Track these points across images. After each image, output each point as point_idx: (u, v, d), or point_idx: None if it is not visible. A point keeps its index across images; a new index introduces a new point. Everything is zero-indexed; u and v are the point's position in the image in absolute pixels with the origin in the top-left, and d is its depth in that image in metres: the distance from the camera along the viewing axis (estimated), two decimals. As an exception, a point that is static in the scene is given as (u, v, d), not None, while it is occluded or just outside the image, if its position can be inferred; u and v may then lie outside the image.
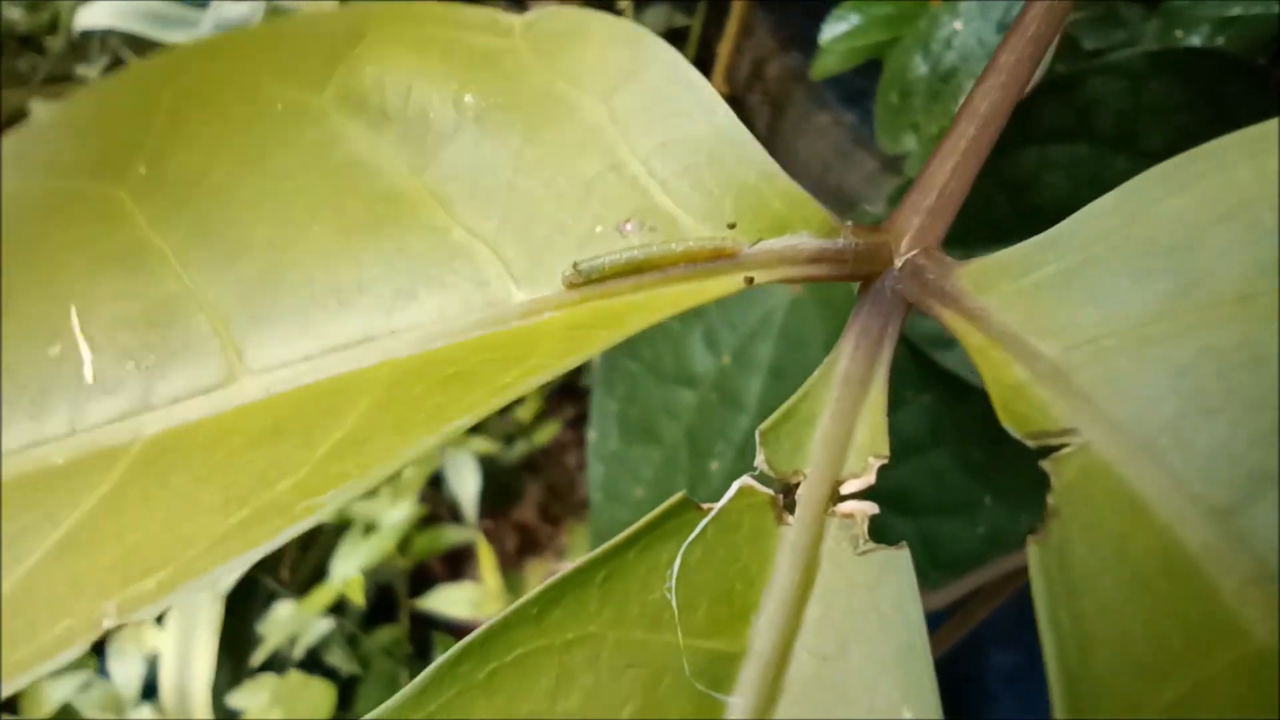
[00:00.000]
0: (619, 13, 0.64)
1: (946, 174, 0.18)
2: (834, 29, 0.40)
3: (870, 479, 0.15)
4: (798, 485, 0.16)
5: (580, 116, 0.18)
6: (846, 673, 0.14)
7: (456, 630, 0.73)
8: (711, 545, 0.15)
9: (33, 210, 0.21)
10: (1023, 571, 0.28)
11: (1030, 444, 0.14)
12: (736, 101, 0.62)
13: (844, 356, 0.16)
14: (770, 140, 0.56)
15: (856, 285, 0.17)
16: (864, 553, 0.15)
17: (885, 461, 0.15)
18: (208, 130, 0.21)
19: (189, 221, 0.20)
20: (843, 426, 0.16)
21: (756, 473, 0.16)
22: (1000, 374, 0.14)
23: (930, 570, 0.32)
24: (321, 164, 0.19)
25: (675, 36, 0.68)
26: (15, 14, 0.80)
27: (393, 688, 0.68)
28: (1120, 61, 0.31)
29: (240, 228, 0.19)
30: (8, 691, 0.13)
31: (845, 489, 0.16)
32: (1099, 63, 0.31)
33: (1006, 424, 0.14)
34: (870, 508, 0.15)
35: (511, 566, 0.77)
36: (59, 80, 0.82)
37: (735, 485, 0.16)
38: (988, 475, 0.32)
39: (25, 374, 0.19)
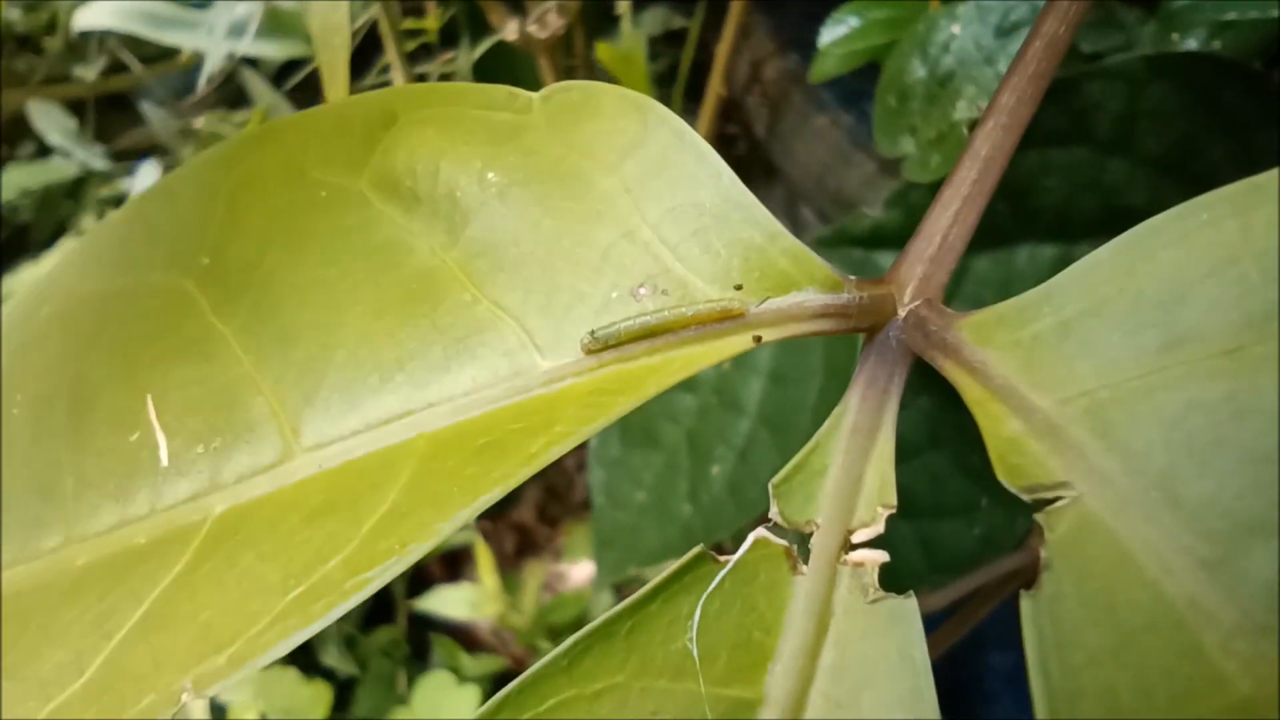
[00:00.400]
0: (616, 17, 0.65)
1: (949, 220, 0.18)
2: (833, 32, 0.40)
3: (880, 528, 0.16)
4: (811, 535, 0.16)
5: (594, 186, 0.19)
6: (858, 717, 0.15)
7: (454, 631, 0.74)
8: (729, 596, 0.16)
9: (114, 306, 0.23)
10: (1020, 573, 0.28)
11: (1026, 498, 0.14)
12: (735, 103, 0.62)
13: (851, 409, 0.17)
14: (768, 142, 0.56)
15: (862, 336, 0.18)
16: (874, 601, 0.15)
17: (893, 511, 0.16)
18: (260, 219, 0.22)
19: (247, 307, 0.21)
20: (852, 477, 0.17)
21: (771, 524, 0.17)
22: (998, 427, 0.15)
23: (928, 571, 0.32)
24: (361, 246, 0.21)
25: (673, 38, 0.68)
26: (14, 14, 0.82)
27: (390, 688, 0.69)
28: (1117, 66, 0.31)
29: (291, 311, 0.21)
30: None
31: (856, 538, 0.16)
32: (1096, 66, 0.31)
33: (1003, 478, 0.14)
34: (881, 556, 0.16)
35: (509, 567, 0.77)
36: (57, 81, 0.84)
37: (751, 537, 0.16)
38: (985, 478, 0.32)
39: (111, 461, 0.21)
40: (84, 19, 0.73)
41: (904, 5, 0.42)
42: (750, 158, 0.63)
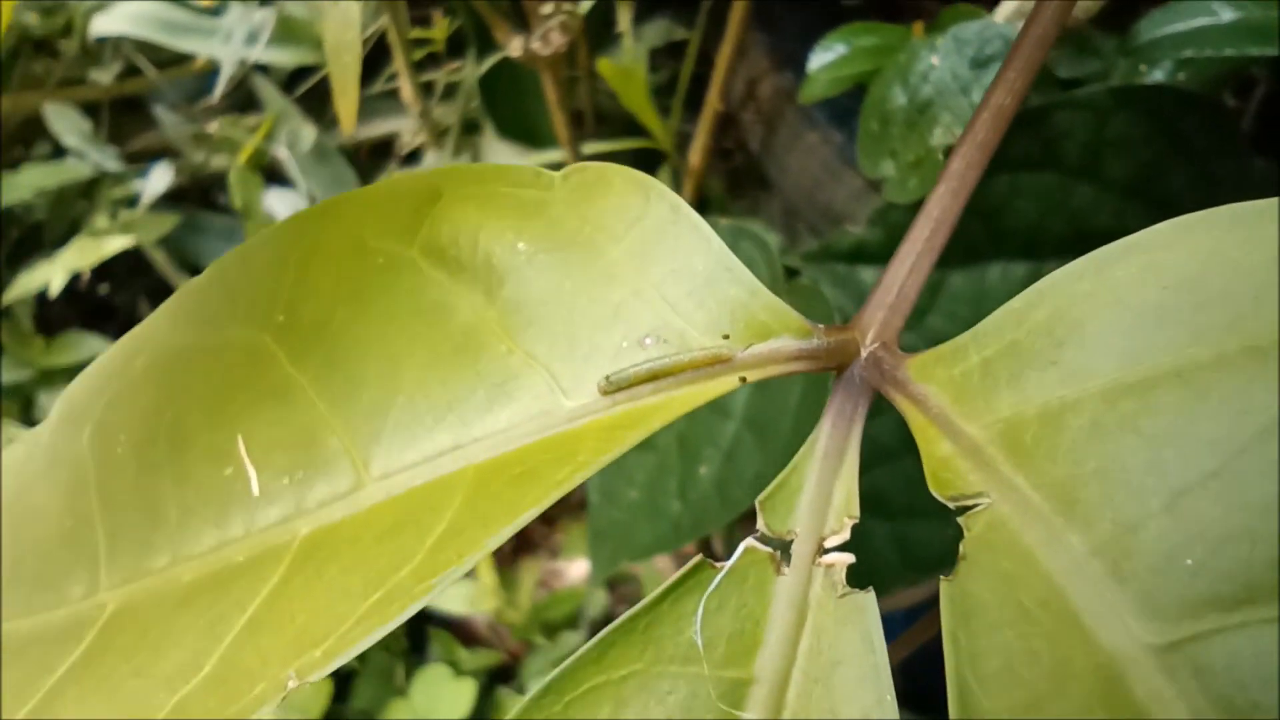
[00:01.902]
0: (619, 35, 0.68)
1: (905, 273, 0.22)
2: (821, 58, 0.43)
3: (846, 535, 0.20)
4: (790, 543, 0.20)
5: (605, 253, 0.23)
6: (831, 690, 0.18)
7: (451, 626, 0.76)
8: (725, 595, 0.20)
9: (203, 357, 0.27)
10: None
11: (951, 505, 0.18)
12: (731, 118, 0.65)
13: (824, 436, 0.21)
14: (763, 157, 0.60)
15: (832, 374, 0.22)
16: (843, 596, 0.19)
17: (857, 520, 0.20)
18: (328, 282, 0.26)
19: (320, 359, 0.25)
20: (823, 494, 0.20)
21: (758, 535, 0.20)
22: (932, 448, 0.18)
23: (904, 569, 0.35)
24: (414, 306, 0.25)
25: (675, 50, 0.71)
26: (31, 19, 0.84)
27: (388, 681, 0.72)
28: (1085, 97, 0.34)
29: (358, 362, 0.25)
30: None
31: (827, 544, 0.20)
32: (1065, 97, 0.34)
33: (934, 489, 0.18)
34: (848, 558, 0.19)
35: (506, 564, 0.80)
36: (73, 84, 0.86)
37: (741, 547, 0.20)
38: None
39: (209, 491, 0.25)
40: (101, 25, 0.76)
41: (889, 34, 0.45)
42: (746, 171, 0.66)
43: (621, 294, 0.23)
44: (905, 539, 0.36)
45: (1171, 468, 0.15)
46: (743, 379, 0.21)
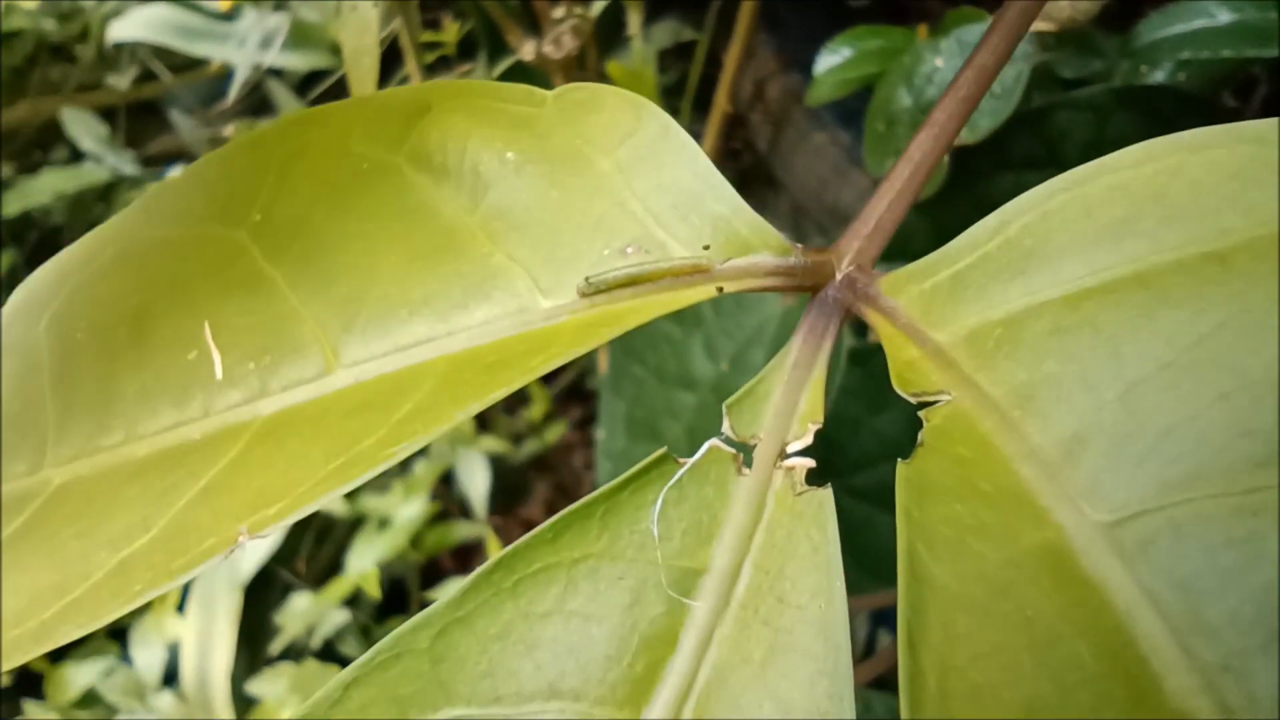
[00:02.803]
0: (628, 37, 0.69)
1: (883, 208, 0.23)
2: (828, 61, 0.45)
3: (809, 440, 0.20)
4: (754, 446, 0.20)
5: (593, 166, 0.24)
6: (782, 582, 0.19)
7: None
8: (685, 490, 0.20)
9: (174, 250, 0.27)
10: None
11: (912, 400, 0.18)
12: (739, 119, 0.66)
13: (794, 349, 0.21)
14: (770, 157, 0.61)
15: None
16: (800, 494, 0.19)
17: (820, 427, 0.20)
18: (308, 185, 0.26)
19: (295, 256, 0.25)
20: (790, 401, 0.20)
21: (723, 437, 0.21)
22: (899, 353, 0.19)
23: None
24: (396, 209, 0.25)
25: (683, 51, 0.72)
26: (49, 25, 0.85)
27: None
28: (1087, 97, 0.35)
29: (334, 258, 0.25)
30: (179, 584, 0.19)
31: (790, 449, 0.20)
32: (1066, 97, 0.36)
33: (897, 387, 0.18)
34: (808, 462, 0.20)
35: None
36: (89, 89, 0.87)
37: (705, 445, 0.20)
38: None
39: (170, 374, 0.24)
40: (118, 31, 0.77)
41: (894, 37, 0.47)
42: (754, 171, 0.67)
43: (607, 205, 0.23)
44: None
45: (1127, 360, 0.16)
46: (719, 289, 0.22)
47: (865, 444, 0.37)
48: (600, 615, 0.19)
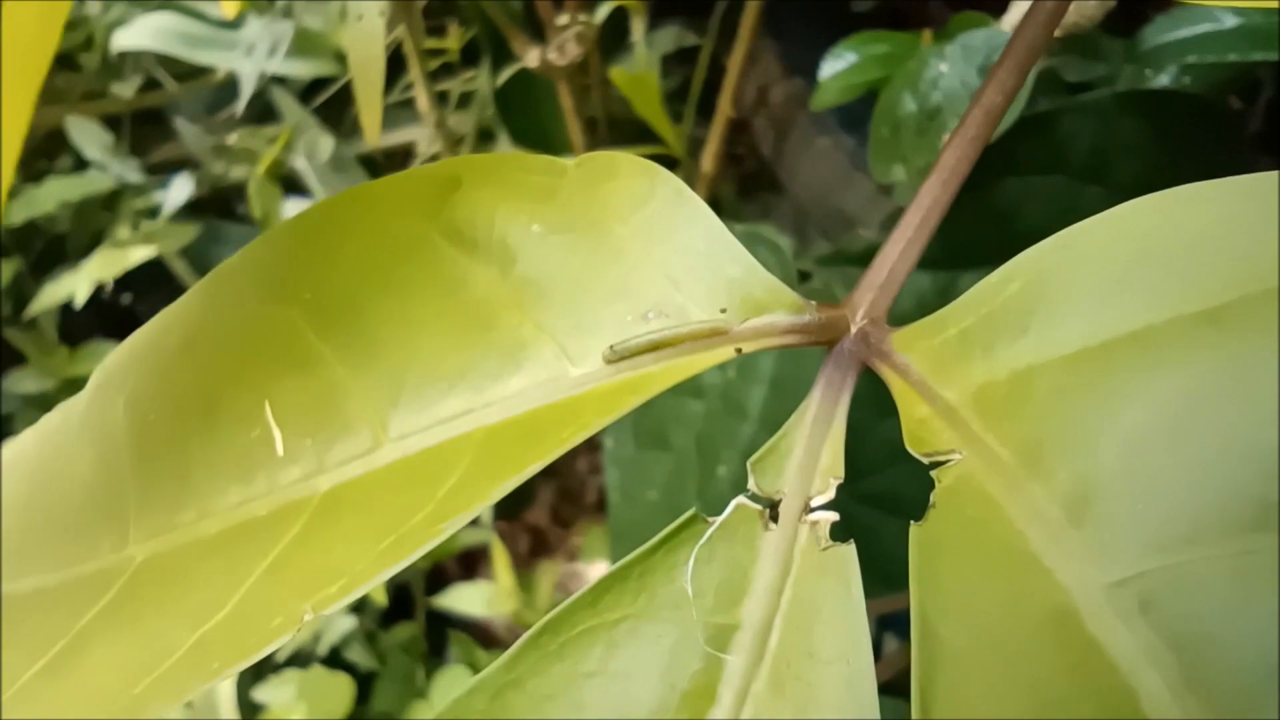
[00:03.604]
0: (630, 42, 0.69)
1: (895, 257, 0.23)
2: (833, 66, 0.45)
3: (831, 495, 0.21)
4: (779, 502, 0.21)
5: (612, 234, 0.25)
6: (810, 636, 0.19)
7: (470, 628, 0.77)
8: (715, 547, 0.21)
9: (233, 332, 0.28)
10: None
11: (924, 460, 0.19)
12: (743, 124, 0.67)
13: (814, 403, 0.22)
14: (774, 162, 0.61)
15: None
16: (825, 549, 0.20)
17: (841, 481, 0.21)
18: (353, 261, 0.28)
19: (344, 331, 0.27)
20: (812, 457, 0.21)
21: (749, 494, 0.22)
22: (911, 410, 0.20)
23: None
24: (433, 282, 0.26)
25: (686, 56, 0.72)
26: None
27: (409, 683, 0.73)
28: (1092, 101, 0.35)
29: (379, 333, 0.26)
30: (252, 662, 0.20)
31: (814, 503, 0.21)
32: (1071, 102, 0.36)
33: (910, 446, 0.19)
34: (831, 516, 0.21)
35: (524, 567, 0.80)
36: (94, 97, 0.87)
37: (732, 505, 0.21)
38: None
39: (236, 452, 0.26)
40: (123, 39, 0.78)
41: (898, 42, 0.47)
42: (758, 176, 0.68)
43: (627, 271, 0.24)
44: None
45: (1127, 424, 0.17)
46: (738, 350, 0.23)
47: (872, 450, 0.37)
48: (642, 673, 0.20)
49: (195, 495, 0.26)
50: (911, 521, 0.18)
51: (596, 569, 0.83)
